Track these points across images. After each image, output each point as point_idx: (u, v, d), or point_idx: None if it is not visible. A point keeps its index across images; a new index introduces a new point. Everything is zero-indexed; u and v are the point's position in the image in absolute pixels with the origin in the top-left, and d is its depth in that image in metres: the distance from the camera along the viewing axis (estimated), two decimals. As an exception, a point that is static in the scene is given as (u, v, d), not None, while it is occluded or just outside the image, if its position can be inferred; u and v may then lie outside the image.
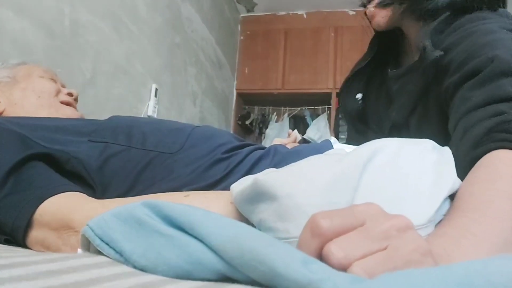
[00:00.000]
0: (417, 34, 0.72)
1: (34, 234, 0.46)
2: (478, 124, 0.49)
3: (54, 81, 0.83)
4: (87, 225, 0.29)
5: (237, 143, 0.66)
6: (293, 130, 1.07)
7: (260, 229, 0.37)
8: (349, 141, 0.96)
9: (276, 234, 0.35)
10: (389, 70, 0.83)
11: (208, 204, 0.46)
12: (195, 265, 0.25)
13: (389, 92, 0.83)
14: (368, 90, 0.91)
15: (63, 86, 0.86)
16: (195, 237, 0.26)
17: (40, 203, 0.46)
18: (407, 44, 0.83)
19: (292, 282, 0.22)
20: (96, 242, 0.28)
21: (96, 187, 0.56)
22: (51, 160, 0.54)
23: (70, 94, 0.83)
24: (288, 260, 0.22)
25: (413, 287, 0.20)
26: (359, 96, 0.90)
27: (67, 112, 0.79)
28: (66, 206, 0.46)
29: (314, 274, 0.21)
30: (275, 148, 0.67)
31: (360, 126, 0.92)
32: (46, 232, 0.45)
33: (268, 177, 0.37)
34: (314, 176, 0.37)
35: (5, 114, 0.75)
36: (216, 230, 0.26)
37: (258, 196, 0.38)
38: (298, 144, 1.01)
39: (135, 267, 0.26)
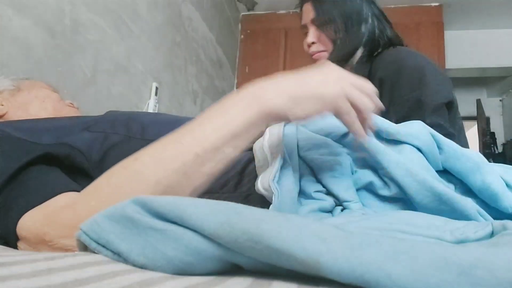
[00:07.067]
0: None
1: (22, 247, 0.46)
2: None
3: (56, 93, 0.86)
4: (81, 229, 0.29)
5: None
6: None
7: None
8: None
9: None
10: None
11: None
12: (194, 255, 0.25)
13: None
14: None
15: None
16: (189, 228, 0.26)
17: (19, 219, 0.45)
18: None
19: (291, 257, 0.22)
20: (93, 245, 0.28)
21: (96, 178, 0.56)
22: (51, 159, 0.54)
23: (71, 105, 0.86)
24: (284, 235, 0.22)
25: (417, 272, 0.20)
26: None
27: (70, 113, 0.81)
28: (40, 219, 0.44)
29: (312, 246, 0.22)
30: None
31: None
32: (28, 247, 0.45)
33: None
34: None
35: (8, 116, 0.75)
36: (207, 218, 0.25)
37: None
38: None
39: (135, 266, 0.26)
